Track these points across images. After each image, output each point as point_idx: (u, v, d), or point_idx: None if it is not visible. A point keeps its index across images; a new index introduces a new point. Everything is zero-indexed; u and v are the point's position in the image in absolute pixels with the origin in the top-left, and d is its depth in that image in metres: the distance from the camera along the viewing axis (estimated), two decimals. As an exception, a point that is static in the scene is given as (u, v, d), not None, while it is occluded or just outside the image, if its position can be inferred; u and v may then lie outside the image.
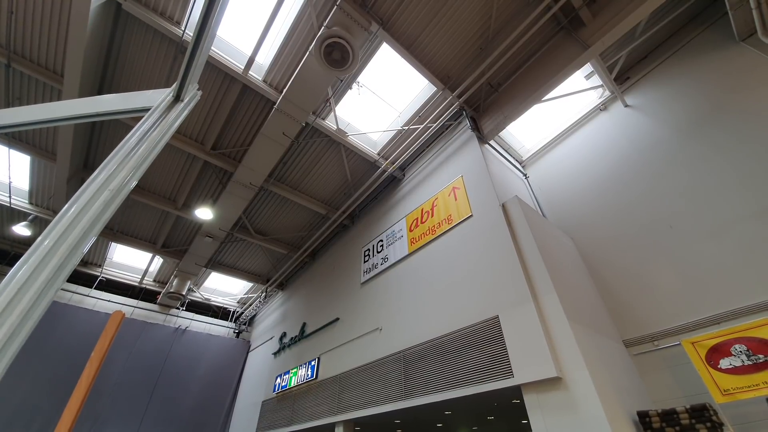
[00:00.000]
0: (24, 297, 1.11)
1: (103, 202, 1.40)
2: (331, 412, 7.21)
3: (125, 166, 1.55)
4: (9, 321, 1.05)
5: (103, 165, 1.54)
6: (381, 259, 8.05)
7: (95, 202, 1.39)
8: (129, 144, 1.64)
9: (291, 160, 9.15)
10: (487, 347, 4.79)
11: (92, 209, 1.37)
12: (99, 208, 1.38)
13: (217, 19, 1.71)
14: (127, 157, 1.58)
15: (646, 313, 5.44)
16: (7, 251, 11.37)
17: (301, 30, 6.61)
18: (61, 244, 1.26)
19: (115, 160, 1.55)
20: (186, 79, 1.86)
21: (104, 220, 1.40)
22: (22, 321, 1.08)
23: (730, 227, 5.10)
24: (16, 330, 1.06)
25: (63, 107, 1.81)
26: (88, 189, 1.43)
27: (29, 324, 1.10)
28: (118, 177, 1.50)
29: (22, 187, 9.62)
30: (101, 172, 1.50)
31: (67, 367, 9.69)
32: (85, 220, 1.33)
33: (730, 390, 4.13)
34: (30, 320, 1.10)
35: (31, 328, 1.10)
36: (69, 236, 1.28)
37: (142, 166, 1.61)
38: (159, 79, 7.24)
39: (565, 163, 7.98)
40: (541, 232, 5.56)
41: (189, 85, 1.89)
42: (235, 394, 12.84)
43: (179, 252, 12.05)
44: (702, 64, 6.56)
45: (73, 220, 1.32)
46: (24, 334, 1.08)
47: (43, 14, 6.22)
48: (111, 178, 1.48)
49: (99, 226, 1.37)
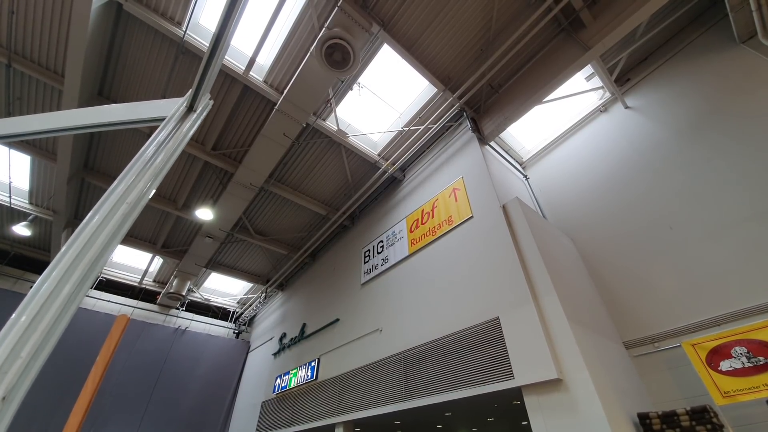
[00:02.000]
0: (49, 310, 1.13)
1: (123, 213, 1.43)
2: (331, 413, 7.20)
3: (143, 176, 1.57)
4: (34, 337, 1.08)
5: (121, 176, 1.57)
6: (381, 260, 8.05)
7: (116, 213, 1.41)
8: (146, 155, 1.66)
9: (291, 161, 9.15)
10: (487, 348, 4.79)
11: (113, 220, 1.39)
12: (120, 218, 1.41)
13: (231, 32, 1.73)
14: (144, 168, 1.60)
15: (646, 315, 5.45)
16: (7, 251, 11.36)
17: (302, 31, 6.61)
18: (85, 254, 1.28)
19: (133, 171, 1.58)
20: (200, 89, 1.87)
21: (125, 229, 1.43)
22: (47, 335, 1.10)
23: (730, 229, 5.10)
24: (42, 343, 1.08)
25: (78, 116, 1.83)
26: (108, 200, 1.45)
27: (54, 337, 1.12)
28: (137, 188, 1.52)
29: (22, 187, 9.61)
30: (120, 183, 1.53)
31: (67, 367, 9.65)
32: (107, 231, 1.36)
33: (731, 392, 4.14)
34: (55, 334, 1.12)
35: (56, 341, 1.12)
36: (92, 247, 1.30)
37: (159, 176, 1.64)
38: (160, 79, 7.25)
39: (566, 164, 7.98)
40: (542, 234, 5.56)
41: (203, 95, 1.90)
42: (234, 394, 12.83)
43: (179, 252, 12.04)
44: (702, 65, 6.57)
45: (96, 231, 1.34)
46: (50, 347, 1.10)
47: (44, 14, 6.21)
48: (130, 189, 1.51)
49: (120, 236, 1.40)
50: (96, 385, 2.50)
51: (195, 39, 6.58)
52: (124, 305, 12.65)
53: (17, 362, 1.02)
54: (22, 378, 1.02)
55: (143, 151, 1.67)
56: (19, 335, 1.06)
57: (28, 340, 1.06)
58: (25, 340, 1.06)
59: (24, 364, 1.03)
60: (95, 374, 2.54)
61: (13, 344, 1.04)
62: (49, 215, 9.94)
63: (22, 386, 1.02)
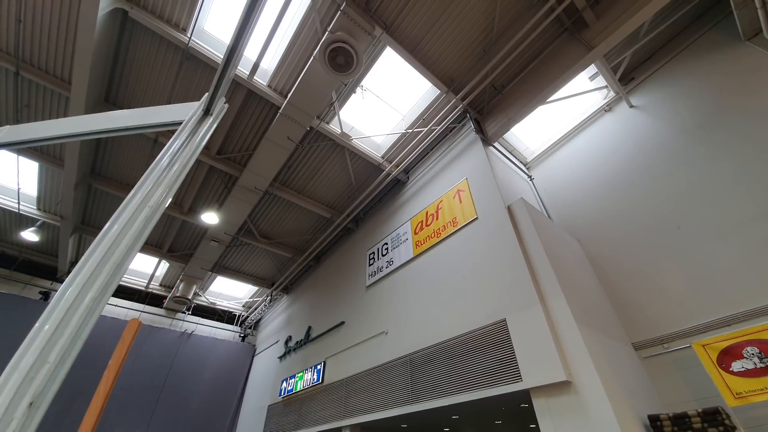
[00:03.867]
0: (75, 314, 1.14)
1: (143, 218, 1.44)
2: (337, 416, 7.18)
3: (164, 180, 1.59)
4: (60, 342, 1.09)
5: (142, 180, 1.58)
6: (386, 262, 8.04)
7: (136, 220, 1.43)
8: (164, 161, 1.68)
9: (295, 164, 9.18)
10: (494, 351, 4.76)
11: (134, 227, 1.40)
12: (140, 225, 1.42)
13: (248, 35, 1.74)
14: (164, 173, 1.62)
15: (655, 316, 5.39)
16: (15, 257, 11.47)
17: (305, 35, 6.65)
18: (109, 258, 1.30)
19: (153, 175, 1.60)
20: (217, 93, 1.88)
21: (145, 236, 1.44)
22: (73, 339, 1.11)
23: (739, 227, 5.04)
24: (69, 348, 1.09)
25: (96, 120, 1.85)
26: (128, 207, 1.47)
27: (80, 341, 1.13)
28: (156, 194, 1.54)
29: (30, 193, 9.72)
30: (141, 187, 1.55)
31: (75, 371, 9.68)
32: (127, 238, 1.37)
33: (743, 393, 4.08)
34: (81, 338, 1.13)
35: (81, 345, 1.13)
36: (114, 254, 1.31)
37: (177, 180, 1.65)
38: (165, 85, 7.31)
39: (571, 164, 7.94)
40: (548, 234, 5.53)
41: (219, 99, 1.92)
42: (241, 398, 12.84)
43: (185, 256, 12.11)
44: (707, 63, 6.52)
45: (116, 238, 1.35)
46: (75, 352, 1.12)
47: (51, 22, 6.30)
48: (151, 193, 1.53)
49: (140, 243, 1.41)
50: (109, 389, 2.51)
51: (200, 45, 6.64)
52: (131, 309, 12.72)
53: (45, 367, 1.04)
54: (50, 383, 1.03)
55: (160, 157, 1.69)
56: (46, 340, 1.07)
57: (55, 345, 1.07)
58: (52, 345, 1.07)
59: (51, 370, 1.04)
60: (108, 378, 2.55)
61: (41, 349, 1.05)
62: (56, 221, 10.04)
63: (50, 392, 1.03)
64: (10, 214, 10.02)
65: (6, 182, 9.46)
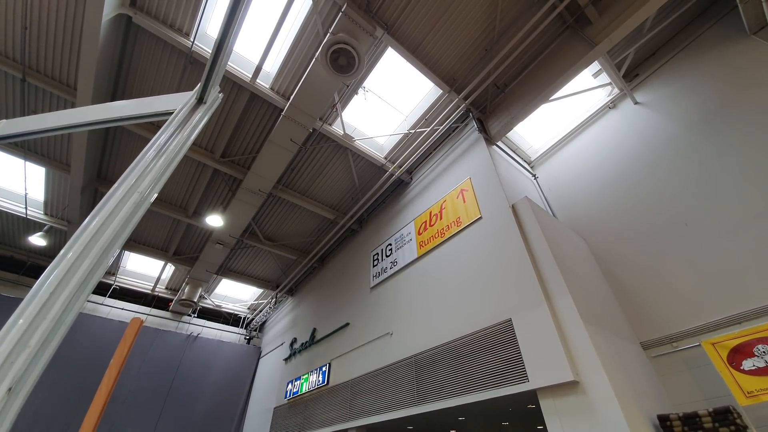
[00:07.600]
0: (59, 297, 1.10)
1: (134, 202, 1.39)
2: (343, 418, 7.17)
3: (157, 163, 1.55)
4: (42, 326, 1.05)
5: (134, 163, 1.54)
6: (390, 263, 8.02)
7: (125, 204, 1.38)
8: (159, 142, 1.64)
9: (299, 166, 9.20)
10: (500, 351, 4.72)
11: (123, 209, 1.36)
12: (124, 216, 1.37)
13: (241, 19, 1.72)
14: (158, 154, 1.59)
15: (663, 314, 5.32)
16: (23, 261, 11.60)
17: (307, 37, 6.67)
18: (94, 244, 1.25)
19: (147, 158, 1.56)
20: (210, 80, 1.87)
21: (127, 232, 1.38)
22: (56, 324, 1.07)
23: (747, 224, 4.97)
24: (50, 336, 1.05)
25: (92, 112, 1.84)
26: (119, 188, 1.43)
27: (63, 327, 1.08)
28: (149, 177, 1.50)
29: (37, 198, 9.83)
30: (132, 171, 1.51)
31: (83, 374, 9.82)
32: (119, 218, 1.33)
33: (754, 392, 4.00)
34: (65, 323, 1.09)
35: (65, 331, 1.09)
36: (101, 237, 1.27)
37: (172, 164, 1.61)
38: (169, 89, 7.36)
39: (575, 162, 7.88)
40: (553, 233, 5.49)
41: (212, 87, 1.91)
42: (247, 400, 12.86)
43: (190, 259, 12.18)
44: (712, 58, 6.45)
45: (109, 216, 1.31)
46: (59, 338, 1.07)
47: (56, 29, 6.37)
48: (142, 177, 1.49)
49: (123, 238, 1.36)
50: (110, 388, 2.51)
51: (203, 49, 6.68)
52: (137, 312, 12.80)
53: (25, 351, 1.00)
54: (30, 368, 0.99)
55: (151, 145, 1.65)
56: (27, 324, 1.03)
57: (36, 330, 1.03)
58: (34, 329, 1.03)
59: (32, 355, 1.00)
60: (109, 376, 2.55)
61: (21, 333, 1.01)
62: (63, 225, 10.14)
63: (31, 377, 0.99)
64: (17, 219, 10.14)
65: (14, 188, 9.58)
